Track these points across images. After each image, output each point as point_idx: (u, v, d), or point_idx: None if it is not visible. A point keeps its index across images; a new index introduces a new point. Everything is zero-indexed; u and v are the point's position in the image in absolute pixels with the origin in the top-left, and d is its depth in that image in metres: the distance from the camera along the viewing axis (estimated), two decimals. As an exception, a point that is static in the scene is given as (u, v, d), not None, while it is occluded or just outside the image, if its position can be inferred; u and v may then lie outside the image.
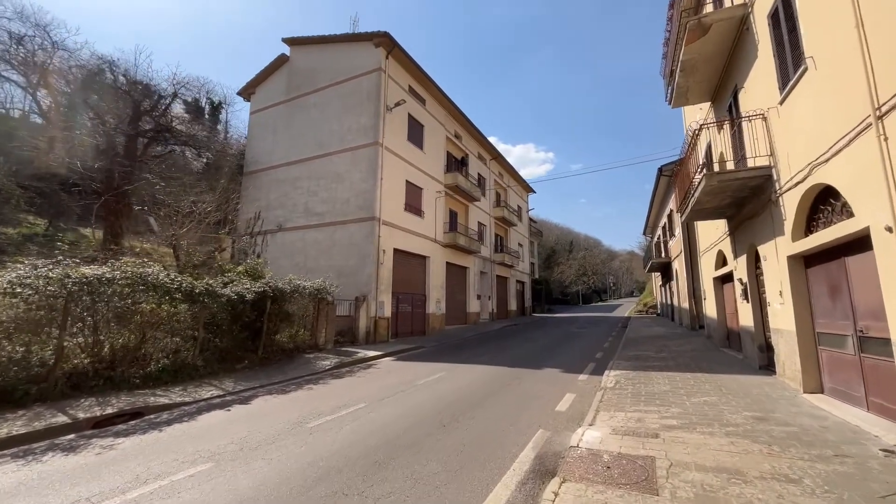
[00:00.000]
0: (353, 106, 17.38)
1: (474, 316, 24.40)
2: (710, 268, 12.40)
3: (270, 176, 19.27)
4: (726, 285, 11.38)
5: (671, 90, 10.47)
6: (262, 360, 10.51)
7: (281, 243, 18.12)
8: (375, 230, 15.70)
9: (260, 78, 20.78)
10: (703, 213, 9.51)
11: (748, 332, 9.00)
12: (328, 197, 17.18)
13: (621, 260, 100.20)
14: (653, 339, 14.88)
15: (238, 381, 8.69)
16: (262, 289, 9.93)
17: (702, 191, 7.70)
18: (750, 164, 7.37)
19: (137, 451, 4.70)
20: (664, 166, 17.68)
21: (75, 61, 18.46)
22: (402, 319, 17.45)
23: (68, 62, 18.05)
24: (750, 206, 8.12)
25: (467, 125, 24.71)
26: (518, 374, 9.17)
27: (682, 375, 8.02)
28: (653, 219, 27.07)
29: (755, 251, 8.44)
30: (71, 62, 19.18)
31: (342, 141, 17.31)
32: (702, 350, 11.45)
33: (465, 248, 22.09)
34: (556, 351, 12.99)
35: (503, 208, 29.38)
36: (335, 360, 11.21)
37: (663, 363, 9.52)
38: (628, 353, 11.52)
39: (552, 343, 15.18)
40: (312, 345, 12.74)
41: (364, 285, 15.39)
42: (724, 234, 10.20)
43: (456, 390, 7.59)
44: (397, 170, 17.50)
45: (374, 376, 9.30)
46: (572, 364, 10.38)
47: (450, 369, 9.89)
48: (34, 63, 17.56)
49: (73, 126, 18.34)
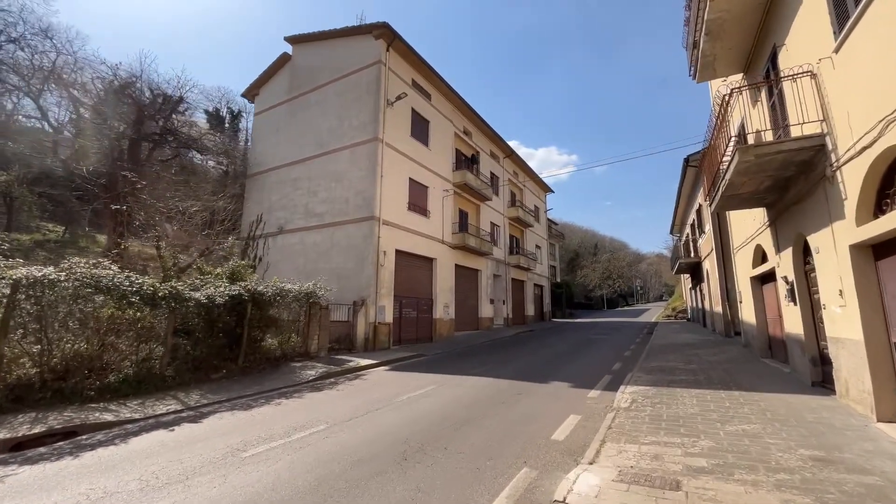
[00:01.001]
0: (352, 101, 16.66)
1: (487, 321, 23.15)
2: (746, 266, 10.83)
3: (272, 177, 18.80)
4: (766, 286, 9.81)
5: (695, 60, 9.11)
6: (243, 369, 9.72)
7: (282, 246, 17.54)
8: (375, 230, 14.83)
9: (263, 78, 20.45)
10: (736, 201, 8.08)
11: (796, 341, 7.50)
12: (327, 197, 16.47)
13: (649, 262, 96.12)
14: (681, 347, 13.29)
15: (207, 393, 7.90)
16: (235, 292, 9.14)
17: (735, 170, 6.36)
18: (795, 135, 5.99)
19: (20, 489, 3.85)
20: (691, 156, 16.06)
21: (81, 67, 18.62)
22: (406, 325, 16.46)
23: (73, 67, 18.18)
24: (796, 189, 6.69)
25: (477, 121, 23.65)
26: (520, 388, 7.98)
27: (715, 394, 6.63)
28: (680, 216, 25.14)
29: (803, 243, 6.99)
30: (76, 68, 19.32)
31: (341, 138, 16.60)
32: (738, 361, 9.89)
33: (475, 249, 20.96)
34: (569, 360, 11.67)
35: (518, 208, 28.06)
36: (322, 369, 10.31)
37: (692, 377, 8.11)
38: (651, 363, 10.09)
39: (567, 351, 13.82)
40: (303, 352, 11.90)
41: (363, 289, 14.50)
42: (763, 225, 8.70)
43: (439, 409, 6.49)
44: (399, 167, 16.62)
45: (356, 389, 8.32)
46: (584, 377, 9.08)
47: (443, 382, 8.80)
48: (42, 70, 17.76)
49: (82, 132, 18.41)
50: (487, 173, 24.80)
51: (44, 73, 18.30)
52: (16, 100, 18.27)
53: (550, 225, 55.61)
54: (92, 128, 18.23)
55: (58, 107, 18.21)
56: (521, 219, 28.51)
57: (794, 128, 6.16)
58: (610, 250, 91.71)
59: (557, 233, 60.84)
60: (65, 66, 18.10)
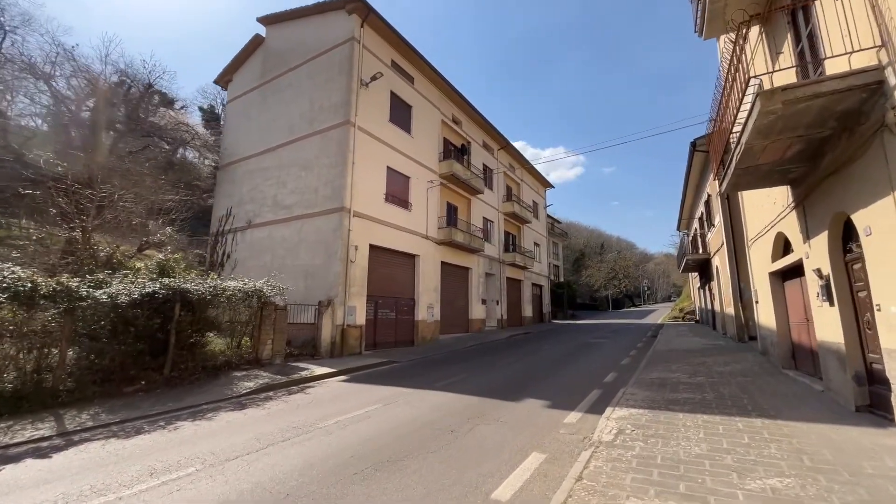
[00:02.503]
0: (323, 83, 15.25)
1: (478, 323, 21.58)
2: (763, 260, 9.19)
3: (243, 168, 17.46)
4: (790, 282, 8.17)
5: (701, 10, 7.54)
6: (169, 380, 8.31)
7: (250, 241, 16.18)
8: (345, 223, 13.37)
9: (236, 63, 19.13)
10: (753, 177, 6.49)
11: (833, 352, 5.88)
12: (296, 187, 15.07)
13: (657, 262, 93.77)
14: (687, 354, 11.65)
15: (106, 412, 6.52)
16: (150, 290, 7.73)
17: (754, 128, 4.79)
18: (834, 72, 4.41)
19: None
20: (698, 139, 14.40)
21: (54, 60, 17.42)
22: (383, 328, 14.99)
23: (48, 60, 16.99)
24: (834, 154, 5.10)
25: (468, 109, 22.13)
26: (484, 408, 6.46)
27: (729, 422, 5.05)
28: (687, 209, 23.38)
29: (845, 224, 5.40)
30: (49, 61, 18.14)
31: (312, 123, 15.19)
32: (755, 373, 8.26)
33: (464, 245, 19.43)
34: (556, 370, 10.10)
35: (514, 203, 26.46)
36: (265, 380, 8.87)
37: (698, 395, 6.51)
38: (650, 375, 8.50)
39: (557, 358, 12.25)
40: (252, 359, 10.48)
41: (331, 287, 13.06)
42: (787, 207, 7.08)
43: (365, 441, 5.00)
44: (375, 154, 15.16)
45: (288, 408, 6.86)
46: (568, 392, 7.52)
47: (397, 398, 7.30)
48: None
49: (43, 119, 17.19)
50: (480, 165, 23.26)
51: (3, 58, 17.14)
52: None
53: (553, 223, 53.87)
54: (52, 115, 17.03)
55: (11, 92, 17.04)
56: (518, 214, 26.91)
57: (835, 64, 4.58)
58: (617, 250, 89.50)
59: (560, 231, 59.02)
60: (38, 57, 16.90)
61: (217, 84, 19.90)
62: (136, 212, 11.43)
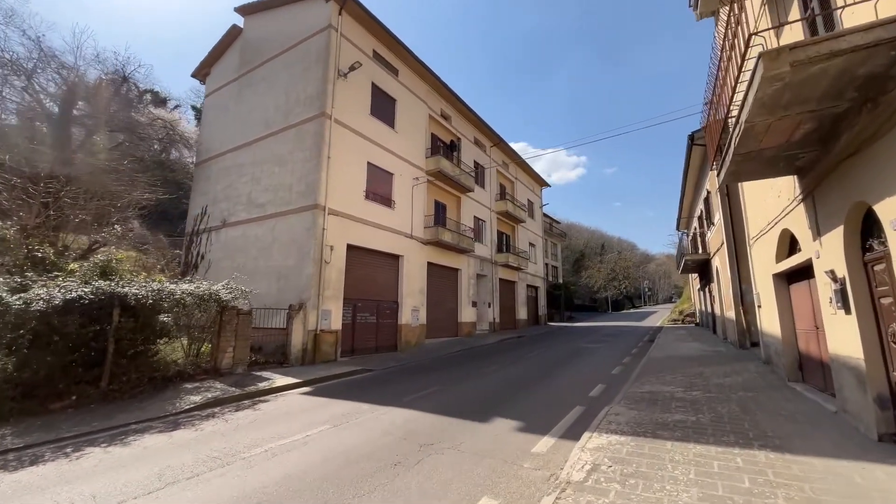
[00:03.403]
0: (299, 74, 14.44)
1: (468, 327, 20.71)
2: (766, 259, 8.32)
3: (219, 165, 16.65)
4: (796, 285, 7.31)
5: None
6: (107, 393, 7.50)
7: (224, 241, 15.36)
8: (319, 221, 12.54)
9: (214, 56, 18.35)
10: (755, 164, 5.64)
11: (849, 368, 5.02)
12: (271, 184, 14.25)
13: (658, 263, 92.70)
14: (683, 362, 10.78)
15: (15, 434, 5.80)
16: (74, 295, 6.90)
17: (756, 100, 3.95)
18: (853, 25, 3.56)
19: None
20: (696, 132, 13.53)
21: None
22: (363, 333, 14.14)
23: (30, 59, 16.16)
24: (851, 133, 4.25)
25: (458, 105, 21.30)
26: (446, 430, 5.61)
27: (727, 456, 4.19)
28: (686, 208, 22.49)
29: (865, 216, 4.55)
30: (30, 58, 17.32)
31: (287, 116, 14.38)
32: (758, 387, 7.39)
33: (452, 245, 18.58)
34: (539, 381, 9.25)
35: (507, 202, 25.59)
36: (216, 393, 8.04)
37: (692, 415, 5.65)
38: (641, 388, 7.64)
39: (545, 366, 11.39)
40: (210, 369, 9.65)
41: (303, 290, 12.23)
42: (794, 201, 6.22)
43: (288, 478, 4.16)
44: (354, 149, 14.34)
45: (227, 428, 6.02)
46: (546, 409, 6.67)
47: (351, 417, 6.46)
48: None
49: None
50: (470, 162, 22.41)
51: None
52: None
53: (551, 223, 52.94)
54: (23, 110, 16.24)
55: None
56: (512, 213, 26.04)
57: (855, 17, 3.73)
58: (617, 250, 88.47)
59: (559, 232, 58.08)
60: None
61: (195, 78, 19.11)
62: (87, 208, 10.60)
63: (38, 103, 16.11)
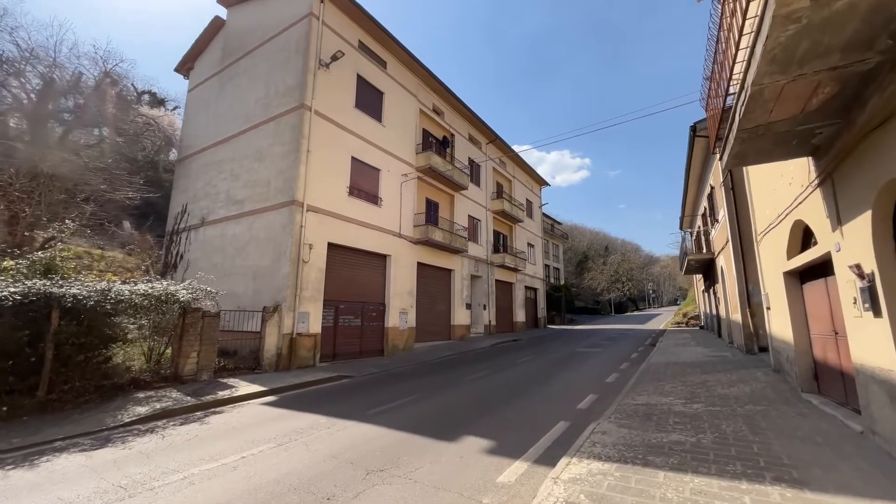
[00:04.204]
0: (280, 65, 13.79)
1: (462, 329, 19.90)
2: (776, 256, 7.49)
3: (199, 161, 16.02)
4: (811, 285, 6.48)
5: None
6: (46, 404, 6.82)
7: (203, 240, 14.70)
8: (296, 218, 11.83)
9: (197, 49, 17.76)
10: (763, 142, 4.86)
11: (879, 381, 4.20)
12: (249, 180, 13.58)
13: (663, 265, 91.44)
14: (685, 369, 9.94)
15: None
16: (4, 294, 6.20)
17: (764, 54, 3.21)
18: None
19: None
20: (698, 122, 12.70)
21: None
22: (345, 336, 13.40)
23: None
24: (883, 95, 3.47)
25: (451, 100, 20.58)
26: (403, 451, 4.85)
27: (733, 490, 3.38)
28: (690, 205, 21.59)
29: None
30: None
31: (267, 109, 13.72)
32: (768, 399, 6.55)
33: (444, 245, 17.81)
34: (525, 390, 8.45)
35: (504, 200, 24.80)
36: (165, 404, 7.32)
37: (691, 436, 4.84)
38: (637, 399, 6.83)
39: (535, 372, 10.59)
40: (171, 376, 8.94)
41: (279, 291, 11.52)
42: (809, 186, 5.41)
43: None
44: (337, 143, 13.64)
45: (160, 447, 5.29)
46: (525, 425, 5.88)
47: (302, 434, 5.71)
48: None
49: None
50: (465, 159, 21.67)
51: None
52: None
53: (553, 224, 52.04)
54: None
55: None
56: (508, 212, 25.25)
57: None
58: (621, 252, 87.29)
59: (561, 233, 57.13)
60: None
61: (178, 73, 18.52)
62: (41, 203, 9.99)
63: (13, 98, 15.60)
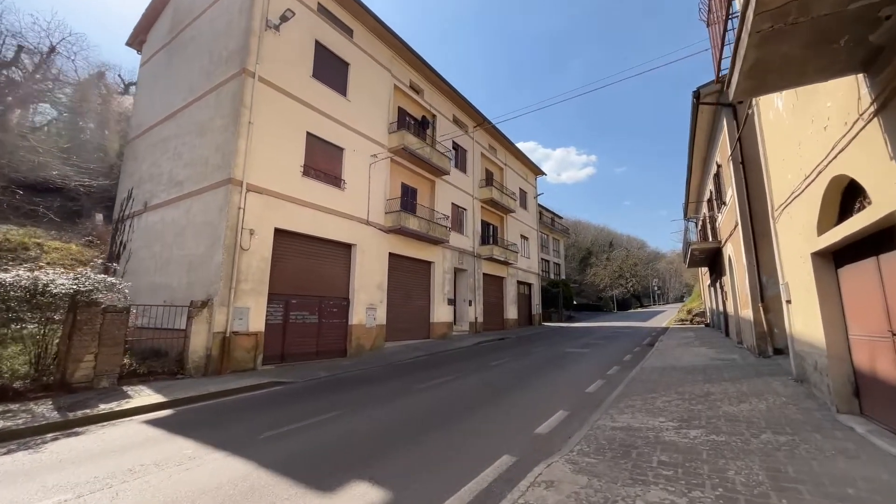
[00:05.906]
0: (223, 29, 12.18)
1: (443, 327, 18.26)
2: (801, 234, 5.76)
3: (146, 141, 14.48)
4: (851, 268, 4.75)
5: None
6: None
7: (144, 227, 13.18)
8: (233, 198, 10.25)
9: (149, 20, 16.17)
10: (791, 44, 3.16)
11: None
12: (191, 158, 12.01)
13: (668, 261, 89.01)
14: (685, 375, 8.23)
15: None
16: None
17: None
18: None
19: None
20: (702, 87, 10.90)
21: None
22: (298, 335, 11.82)
23: None
24: None
25: (433, 77, 18.87)
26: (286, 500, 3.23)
27: None
28: (694, 191, 19.74)
29: None
30: None
31: (209, 78, 12.12)
32: (792, 422, 4.85)
33: (420, 234, 16.17)
34: (480, 404, 6.80)
35: (493, 188, 23.08)
36: (10, 423, 5.75)
37: (684, 489, 3.16)
38: (616, 420, 5.15)
39: (505, 379, 8.94)
40: (56, 383, 7.40)
41: (211, 283, 9.95)
42: (861, 119, 3.67)
43: None
44: (289, 115, 12.02)
45: (-83, 496, 3.71)
46: (451, 464, 4.25)
47: (143, 472, 4.13)
48: None
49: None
50: (449, 143, 19.95)
51: None
52: None
53: (553, 218, 50.10)
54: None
55: None
56: (498, 202, 23.52)
57: None
58: (626, 248, 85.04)
59: (562, 227, 55.17)
60: None
61: (130, 47, 16.98)
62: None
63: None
